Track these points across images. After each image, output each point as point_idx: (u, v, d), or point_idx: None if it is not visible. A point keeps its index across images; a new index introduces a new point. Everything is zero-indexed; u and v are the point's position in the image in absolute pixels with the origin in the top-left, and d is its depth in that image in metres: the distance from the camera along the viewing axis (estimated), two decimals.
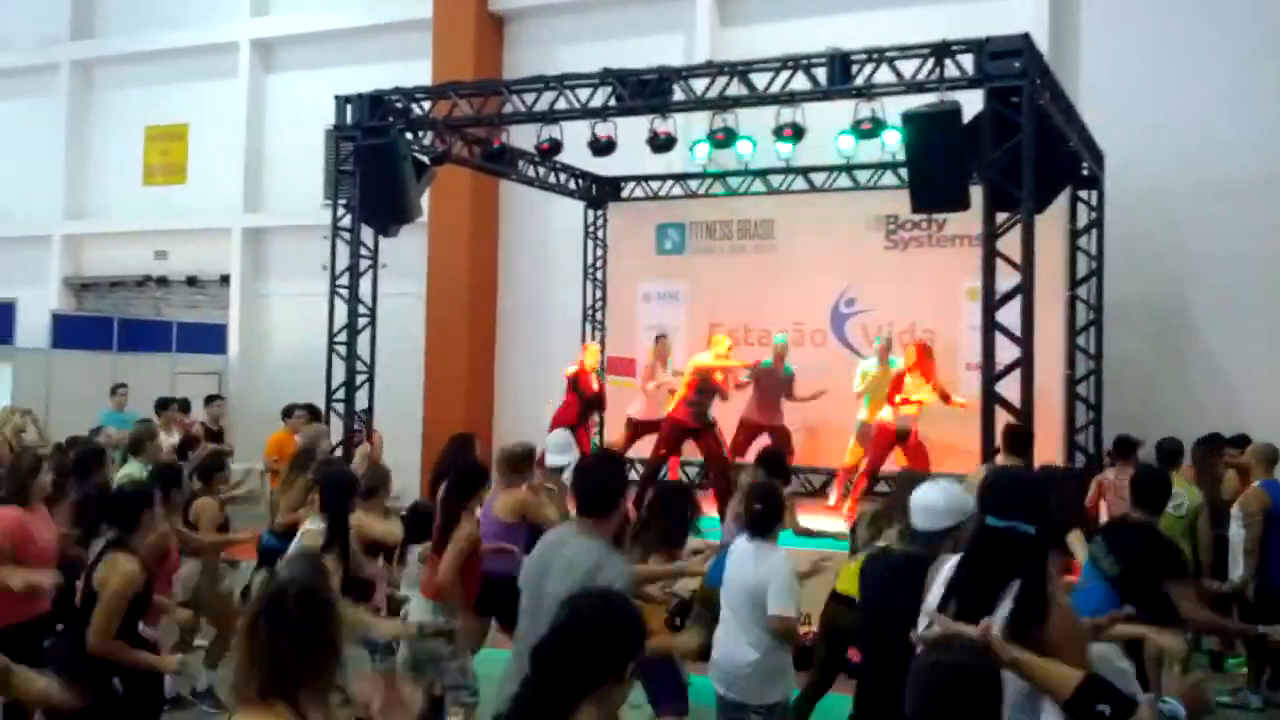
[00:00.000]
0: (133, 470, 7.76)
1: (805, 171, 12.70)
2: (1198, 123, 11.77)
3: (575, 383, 11.61)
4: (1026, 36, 8.10)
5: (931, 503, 3.94)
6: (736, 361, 10.96)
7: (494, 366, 15.52)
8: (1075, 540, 6.13)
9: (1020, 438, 7.47)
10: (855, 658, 4.58)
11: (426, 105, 10.57)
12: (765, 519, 5.11)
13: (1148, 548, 5.08)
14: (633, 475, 9.95)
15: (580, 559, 3.78)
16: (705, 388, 10.51)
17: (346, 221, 10.81)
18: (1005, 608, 3.10)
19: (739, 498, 6.21)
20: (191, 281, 18.07)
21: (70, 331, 15.58)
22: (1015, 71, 7.98)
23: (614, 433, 12.15)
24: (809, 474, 12.18)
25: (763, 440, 10.41)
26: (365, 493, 6.42)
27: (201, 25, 17.79)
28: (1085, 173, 10.91)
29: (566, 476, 6.53)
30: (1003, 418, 7.99)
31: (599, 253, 14.34)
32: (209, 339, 17.11)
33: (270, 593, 2.72)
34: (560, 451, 7.71)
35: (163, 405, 12.04)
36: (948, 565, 3.38)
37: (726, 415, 10.91)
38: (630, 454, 10.56)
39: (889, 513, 5.38)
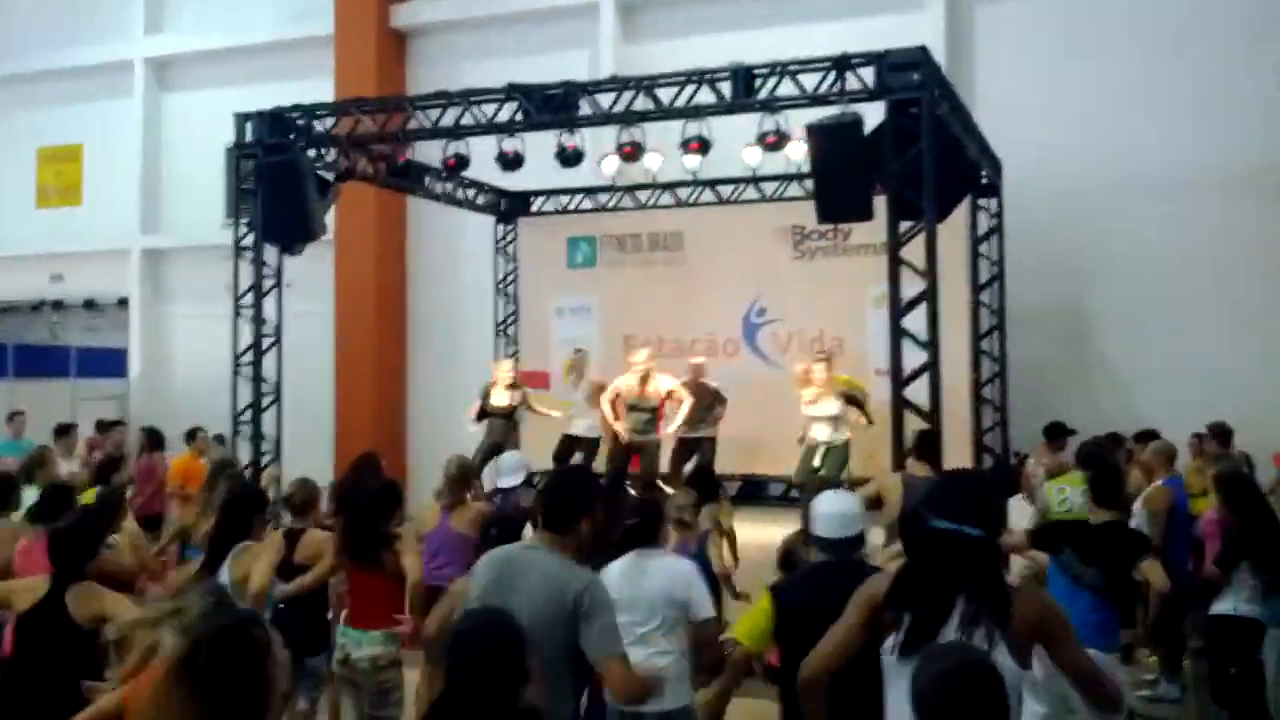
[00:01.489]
0: (29, 499, 7.49)
1: (713, 184, 12.80)
2: (1092, 128, 12.13)
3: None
4: (924, 49, 8.26)
5: (839, 509, 3.99)
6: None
7: (405, 384, 15.36)
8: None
9: (931, 441, 7.60)
10: (772, 660, 4.57)
11: (329, 122, 10.42)
12: (645, 532, 5.11)
13: (1125, 547, 5.23)
14: None
15: (558, 577, 3.67)
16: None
17: (249, 240, 10.60)
18: (958, 609, 3.13)
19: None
20: (89, 305, 17.56)
21: None
22: (914, 83, 8.13)
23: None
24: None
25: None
26: (298, 508, 6.28)
27: (94, 44, 17.34)
28: (985, 181, 11.16)
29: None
30: (912, 422, 8.12)
31: (510, 267, 14.27)
32: (109, 363, 16.67)
33: (184, 651, 2.65)
34: (513, 473, 7.62)
35: (62, 432, 11.66)
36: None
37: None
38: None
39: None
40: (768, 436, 11.13)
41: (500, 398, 11.47)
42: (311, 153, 10.38)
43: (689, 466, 10.65)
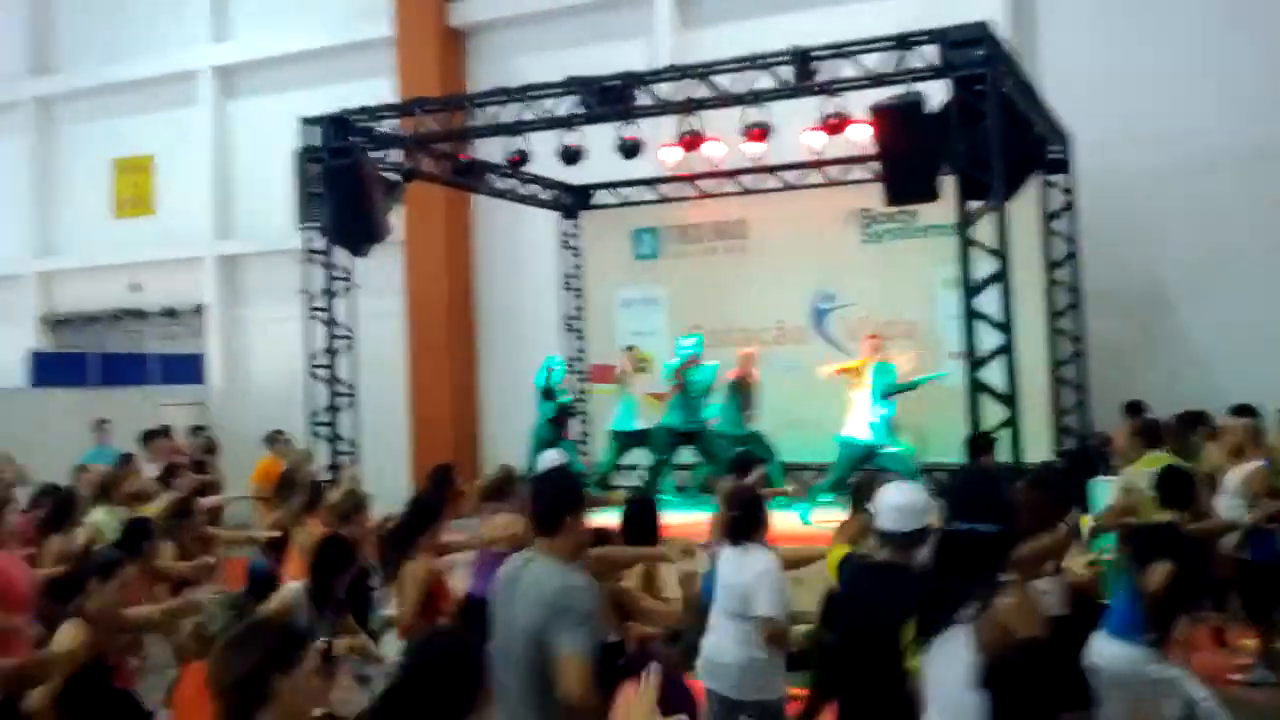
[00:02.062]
0: (100, 518, 7.59)
1: (776, 170, 12.68)
2: (1163, 99, 11.77)
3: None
4: (986, 25, 8.11)
5: (898, 503, 3.89)
6: None
7: (476, 380, 15.46)
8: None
9: (977, 444, 7.48)
10: None
11: (392, 123, 10.52)
12: (743, 524, 5.10)
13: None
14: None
15: (544, 581, 3.64)
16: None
17: (319, 244, 10.75)
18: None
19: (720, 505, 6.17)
20: (168, 313, 17.94)
21: (47, 369, 15.45)
22: (977, 60, 8.00)
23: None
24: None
25: None
26: (341, 517, 6.33)
27: (161, 54, 17.67)
28: (1054, 156, 10.94)
29: None
30: (988, 405, 8.00)
31: (575, 261, 14.30)
32: (188, 369, 16.99)
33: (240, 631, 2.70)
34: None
35: (148, 437, 11.92)
36: None
37: None
38: None
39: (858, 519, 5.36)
40: (835, 423, 10.99)
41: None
42: (376, 154, 10.49)
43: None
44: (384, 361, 13.91)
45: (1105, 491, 7.77)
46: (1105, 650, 4.78)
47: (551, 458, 7.95)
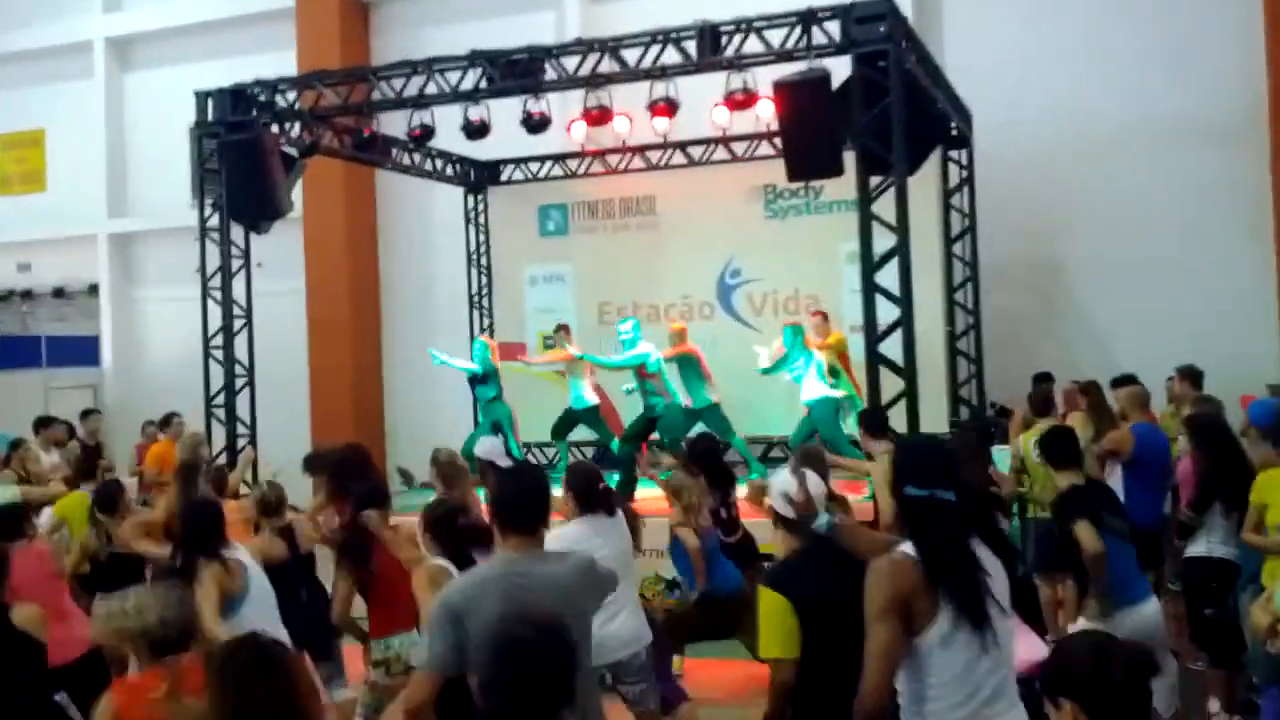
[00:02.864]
0: None
1: (683, 146, 12.71)
2: (1063, 78, 12.08)
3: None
4: (890, 1, 8.19)
5: (791, 489, 3.81)
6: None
7: (380, 360, 15.26)
8: None
9: (873, 420, 7.59)
10: None
11: (292, 97, 10.28)
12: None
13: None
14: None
15: (570, 585, 3.45)
16: None
17: (216, 221, 10.49)
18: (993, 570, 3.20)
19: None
20: (59, 293, 17.35)
21: None
22: (880, 36, 8.07)
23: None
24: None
25: None
26: (266, 509, 6.23)
27: (52, 24, 17.01)
28: (955, 133, 11.14)
29: None
30: (887, 378, 8.13)
31: (481, 238, 14.17)
32: (81, 351, 16.47)
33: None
34: (499, 458, 7.41)
35: (43, 424, 11.52)
36: None
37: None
38: None
39: None
40: (747, 397, 11.10)
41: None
42: (275, 128, 10.25)
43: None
44: (284, 341, 13.63)
45: (1001, 460, 7.99)
46: None
47: (490, 445, 7.79)
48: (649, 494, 9.28)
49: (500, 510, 3.58)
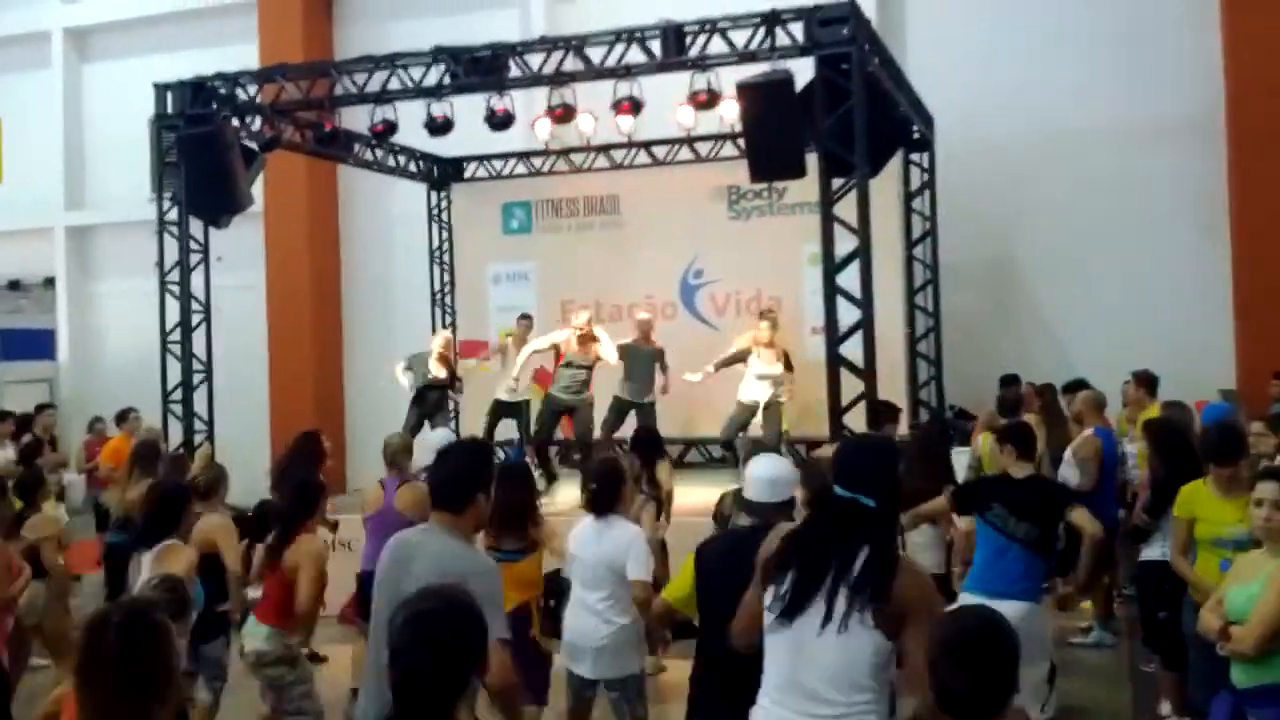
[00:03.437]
0: None
1: (647, 145, 12.70)
2: (1021, 81, 12.22)
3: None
4: (853, 4, 8.23)
5: (772, 474, 3.97)
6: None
7: (341, 357, 15.17)
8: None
9: (875, 412, 7.67)
10: None
11: (253, 90, 10.18)
12: (603, 498, 5.13)
13: (1053, 500, 5.42)
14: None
15: (448, 563, 3.44)
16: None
17: (174, 215, 10.38)
18: (831, 573, 3.16)
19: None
20: (14, 285, 17.12)
21: None
22: (844, 38, 8.12)
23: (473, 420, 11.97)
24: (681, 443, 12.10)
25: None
26: (203, 492, 6.18)
27: (10, 13, 16.79)
28: (916, 136, 11.23)
29: None
30: (847, 379, 8.17)
31: (444, 235, 14.10)
32: (36, 345, 16.26)
33: (91, 626, 2.58)
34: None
35: None
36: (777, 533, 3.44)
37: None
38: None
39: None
40: (707, 398, 11.11)
41: (436, 370, 11.26)
42: (236, 122, 10.16)
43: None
44: (243, 337, 13.54)
45: (959, 462, 8.06)
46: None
47: (442, 435, 7.82)
48: None
49: (430, 485, 3.83)
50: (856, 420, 8.01)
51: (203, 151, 9.79)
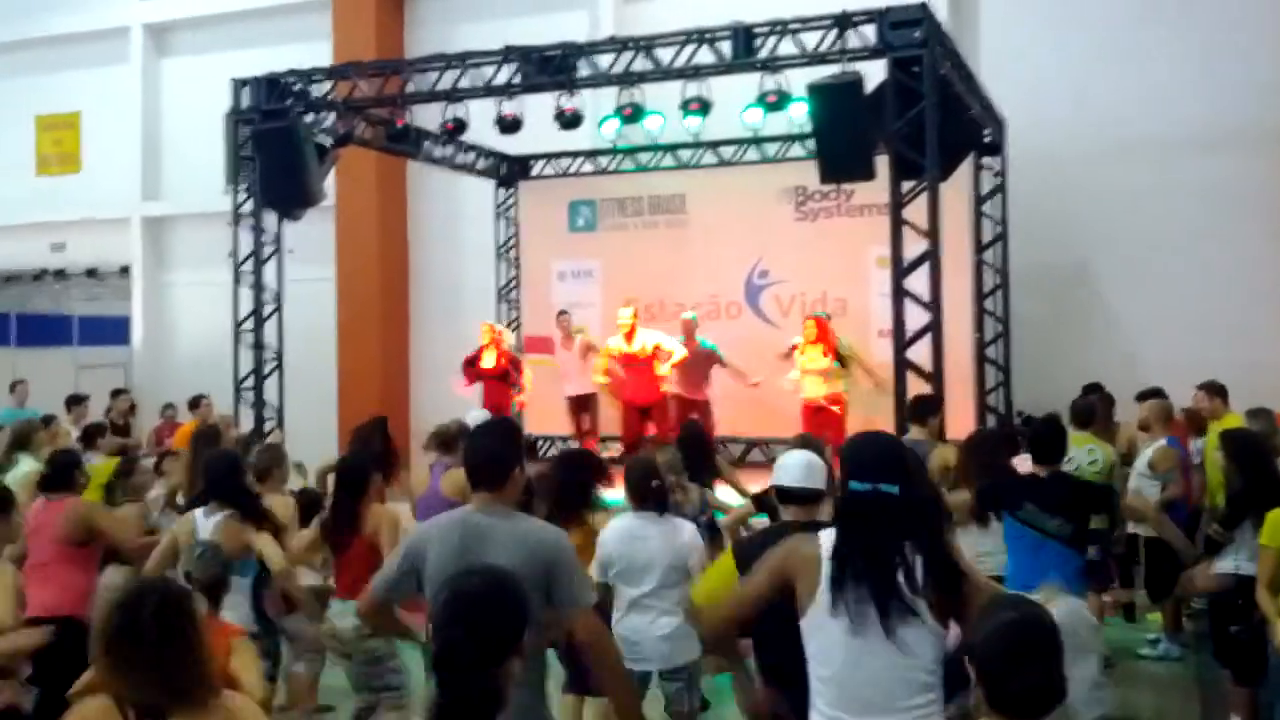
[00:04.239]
0: (28, 468, 7.49)
1: (714, 145, 12.72)
2: (1096, 86, 12.01)
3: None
4: (925, 6, 8.18)
5: (805, 459, 3.96)
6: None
7: (408, 349, 15.33)
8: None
9: (927, 404, 7.57)
10: None
11: (326, 87, 10.36)
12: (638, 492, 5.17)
13: (1083, 496, 5.32)
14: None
15: (522, 535, 3.50)
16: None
17: (249, 207, 10.58)
18: (918, 573, 3.05)
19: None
20: (91, 273, 17.52)
21: None
22: (915, 41, 8.07)
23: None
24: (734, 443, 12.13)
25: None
26: (259, 474, 6.23)
27: (91, 10, 17.17)
28: (987, 139, 11.10)
29: None
30: (915, 383, 8.11)
31: (511, 232, 14.22)
32: (112, 331, 16.64)
33: (122, 606, 2.63)
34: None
35: (74, 402, 11.66)
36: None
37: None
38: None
39: None
40: (770, 398, 11.09)
41: (488, 360, 11.40)
42: (310, 118, 10.33)
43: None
44: (313, 328, 13.72)
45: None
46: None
47: (478, 415, 7.91)
48: None
49: (465, 467, 3.75)
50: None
51: (276, 146, 9.97)
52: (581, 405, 11.49)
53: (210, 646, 2.75)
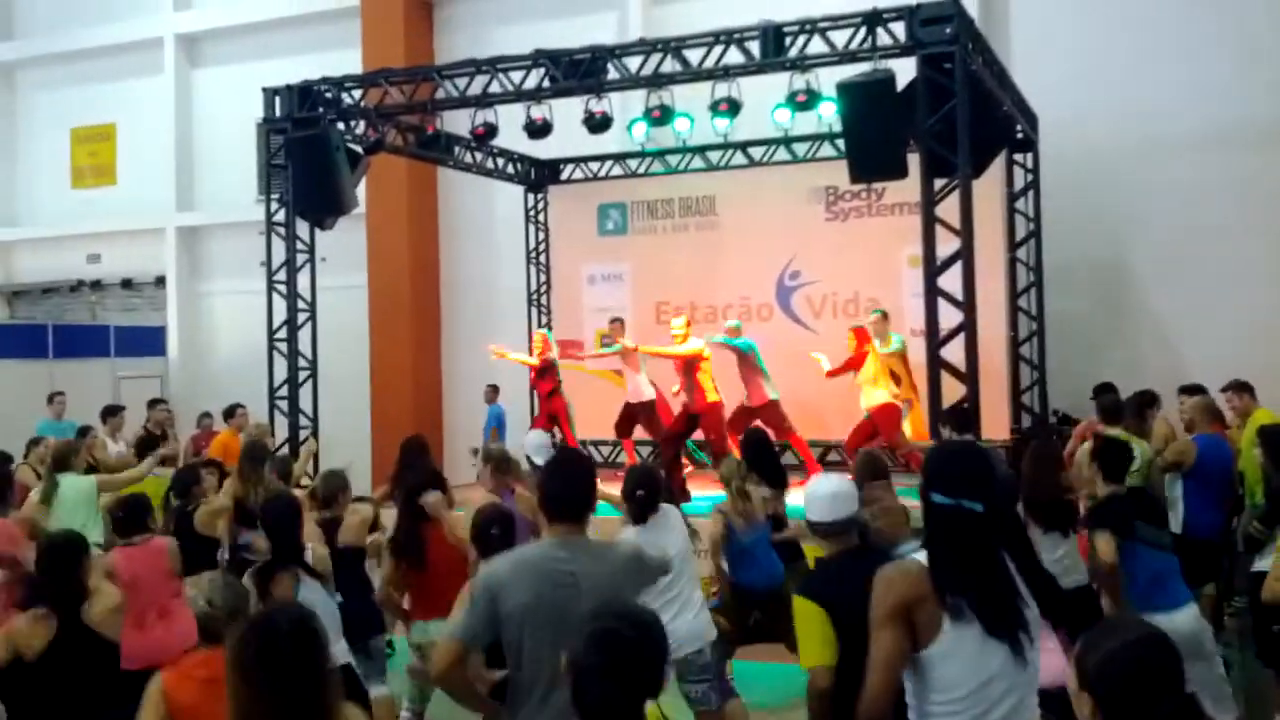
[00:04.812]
0: (74, 486, 7.57)
1: (744, 146, 12.68)
2: (1129, 81, 11.86)
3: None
4: (957, 2, 8.11)
5: (831, 490, 3.87)
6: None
7: (440, 355, 15.39)
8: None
9: (957, 417, 7.51)
10: None
11: (357, 94, 10.40)
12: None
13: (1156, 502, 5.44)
14: None
15: (617, 559, 3.54)
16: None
17: (281, 216, 10.65)
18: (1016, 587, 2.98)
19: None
20: (127, 284, 17.71)
21: (4, 340, 15.21)
22: (946, 38, 8.00)
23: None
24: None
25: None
26: (325, 500, 6.28)
27: (124, 22, 17.39)
28: (1020, 136, 11.00)
29: None
30: (948, 383, 8.05)
31: (541, 236, 14.24)
32: (148, 342, 16.80)
33: (259, 632, 2.66)
34: (538, 453, 7.41)
35: (110, 413, 11.76)
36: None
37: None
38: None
39: None
40: (803, 399, 11.04)
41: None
42: (341, 125, 10.38)
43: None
44: (346, 335, 13.81)
45: None
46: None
47: (536, 440, 7.78)
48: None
49: (544, 499, 3.63)
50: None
51: (309, 154, 10.02)
52: (641, 411, 11.27)
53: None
